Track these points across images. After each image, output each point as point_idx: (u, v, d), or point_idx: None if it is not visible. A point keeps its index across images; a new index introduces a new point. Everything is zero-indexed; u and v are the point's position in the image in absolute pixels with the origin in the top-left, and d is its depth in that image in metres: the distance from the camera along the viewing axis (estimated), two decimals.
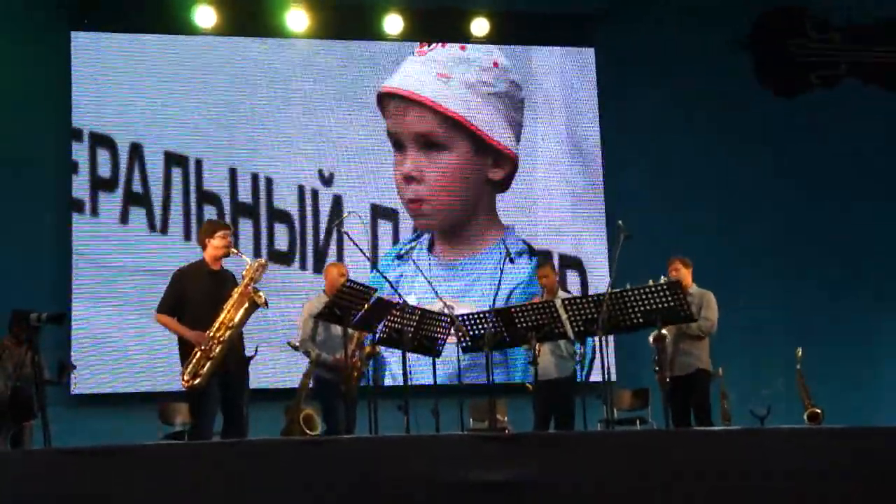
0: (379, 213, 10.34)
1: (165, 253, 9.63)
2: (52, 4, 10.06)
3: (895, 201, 10.88)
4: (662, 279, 7.15)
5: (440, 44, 10.59)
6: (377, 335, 7.23)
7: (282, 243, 10.16)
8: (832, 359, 10.03)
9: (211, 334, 6.54)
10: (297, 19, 10.38)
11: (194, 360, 6.52)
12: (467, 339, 7.41)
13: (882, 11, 11.27)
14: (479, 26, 10.70)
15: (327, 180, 10.30)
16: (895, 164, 10.89)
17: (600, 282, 9.91)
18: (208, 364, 6.51)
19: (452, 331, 7.46)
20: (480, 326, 7.31)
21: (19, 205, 9.69)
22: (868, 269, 10.70)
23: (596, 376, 7.88)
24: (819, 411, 9.12)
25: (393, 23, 10.58)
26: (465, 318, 7.43)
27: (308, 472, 5.03)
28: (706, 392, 7.81)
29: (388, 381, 9.57)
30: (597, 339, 7.09)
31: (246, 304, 6.63)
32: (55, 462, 5.22)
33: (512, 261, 9.42)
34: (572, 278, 10.52)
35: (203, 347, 6.52)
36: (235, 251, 6.83)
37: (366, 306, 6.92)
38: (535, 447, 5.25)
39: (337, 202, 10.26)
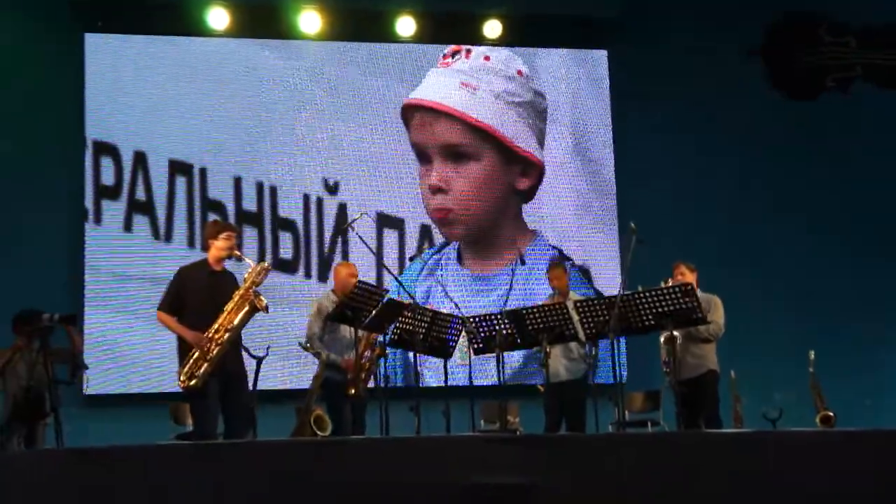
0: (385, 221, 10.31)
1: (169, 261, 9.58)
2: (65, 6, 9.99)
3: None
4: (664, 283, 7.18)
5: (464, 55, 10.48)
6: (388, 336, 7.22)
7: (286, 252, 10.14)
8: (845, 362, 9.97)
9: (209, 335, 6.54)
10: (310, 21, 10.40)
11: (191, 361, 6.54)
12: (479, 340, 7.39)
13: None
14: (492, 28, 10.70)
15: (332, 188, 10.28)
16: None
17: (609, 292, 9.82)
18: (205, 365, 6.51)
19: (464, 332, 7.45)
20: (492, 328, 7.30)
21: (33, 211, 9.69)
22: (882, 272, 10.64)
23: (607, 378, 7.84)
24: (832, 414, 9.08)
25: (406, 25, 10.59)
26: (477, 319, 7.43)
27: (317, 473, 5.04)
28: (715, 393, 7.82)
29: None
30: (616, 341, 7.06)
31: (246, 308, 6.65)
32: (68, 462, 5.24)
33: (523, 262, 9.33)
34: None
35: (201, 348, 6.52)
36: (238, 254, 6.84)
37: (377, 307, 6.92)
38: (546, 449, 5.24)
39: (342, 210, 10.23)
